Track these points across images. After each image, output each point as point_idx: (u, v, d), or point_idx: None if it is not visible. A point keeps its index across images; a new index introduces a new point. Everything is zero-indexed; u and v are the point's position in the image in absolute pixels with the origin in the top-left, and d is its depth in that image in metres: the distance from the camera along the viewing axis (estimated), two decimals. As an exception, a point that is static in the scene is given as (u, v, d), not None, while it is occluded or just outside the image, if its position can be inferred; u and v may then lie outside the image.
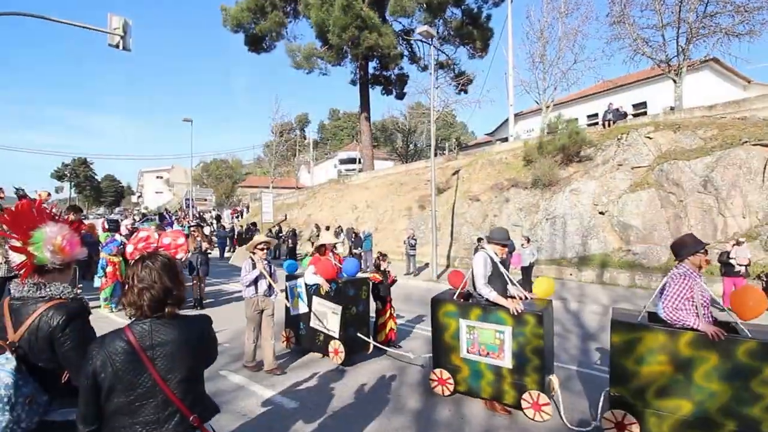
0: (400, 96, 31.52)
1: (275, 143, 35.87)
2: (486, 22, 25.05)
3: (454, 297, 4.64)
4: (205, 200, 36.33)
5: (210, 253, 9.60)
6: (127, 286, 1.65)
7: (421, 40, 27.42)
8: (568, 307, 10.15)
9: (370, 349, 5.67)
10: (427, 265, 15.18)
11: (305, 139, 53.64)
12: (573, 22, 19.78)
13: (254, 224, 20.85)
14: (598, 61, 20.69)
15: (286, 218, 28.10)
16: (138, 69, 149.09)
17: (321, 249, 5.73)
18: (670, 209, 12.77)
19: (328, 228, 17.12)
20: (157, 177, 66.18)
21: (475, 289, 4.41)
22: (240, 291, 10.11)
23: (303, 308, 5.66)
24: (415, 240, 13.78)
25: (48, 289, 1.84)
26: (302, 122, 66.04)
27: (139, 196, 72.30)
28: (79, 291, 7.30)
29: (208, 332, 1.77)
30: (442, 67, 28.45)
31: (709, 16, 15.29)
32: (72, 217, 8.10)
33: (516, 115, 32.37)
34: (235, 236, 21.06)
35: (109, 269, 7.08)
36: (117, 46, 11.38)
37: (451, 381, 4.49)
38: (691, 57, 16.48)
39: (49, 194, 16.56)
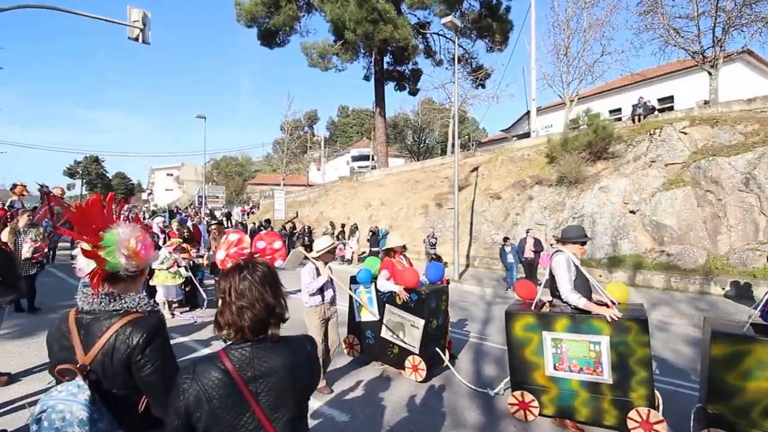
0: (414, 92, 30.86)
1: (287, 140, 35.45)
2: (505, 14, 24.31)
3: (533, 307, 4.10)
4: (217, 198, 36.07)
5: None
6: (221, 303, 1.36)
7: (438, 33, 26.85)
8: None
9: (444, 363, 5.00)
10: (446, 264, 14.59)
11: (314, 136, 53.29)
12: (599, 12, 19.04)
13: (268, 221, 20.39)
14: (627, 53, 19.92)
15: (297, 215, 27.68)
16: (148, 66, 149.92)
17: (390, 252, 5.12)
18: (707, 208, 12.03)
19: (344, 226, 16.61)
20: (168, 174, 66.31)
21: (554, 296, 3.91)
22: None
23: (371, 316, 5.12)
24: (436, 239, 13.22)
25: (123, 301, 1.55)
26: (311, 119, 65.70)
27: (149, 194, 72.55)
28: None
29: (314, 356, 1.48)
30: (458, 62, 27.76)
31: (748, 5, 14.45)
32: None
33: (530, 111, 31.75)
34: (248, 234, 20.62)
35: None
36: (136, 39, 11.01)
37: (536, 403, 3.93)
38: (726, 48, 15.65)
39: (63, 191, 16.21)
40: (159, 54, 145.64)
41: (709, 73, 15.80)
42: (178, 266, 6.80)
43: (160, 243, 7.68)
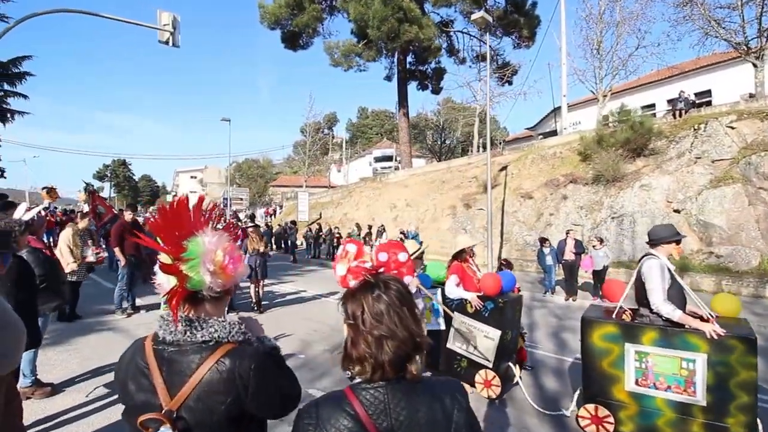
0: (437, 91, 30.47)
1: (309, 142, 35.49)
2: (532, 9, 23.72)
3: (614, 315, 3.74)
4: (241, 199, 36.40)
5: (270, 255, 8.98)
6: (350, 330, 1.08)
7: (462, 31, 26.42)
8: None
9: (515, 380, 4.44)
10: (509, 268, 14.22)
11: (333, 138, 53.37)
12: (632, 5, 18.34)
13: (293, 222, 20.30)
14: (663, 46, 19.13)
15: (321, 217, 27.63)
16: (170, 71, 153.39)
17: (461, 255, 4.60)
18: (759, 206, 11.33)
19: (370, 227, 16.37)
20: (191, 177, 67.52)
21: (642, 305, 3.57)
22: (292, 293, 9.70)
23: (437, 325, 4.64)
24: (468, 240, 12.79)
25: (211, 330, 1.22)
26: (331, 122, 65.90)
27: (174, 195, 74.01)
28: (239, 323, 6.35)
29: (465, 406, 1.09)
30: (482, 59, 27.27)
31: (799, -9, 13.63)
32: (128, 217, 7.65)
33: (558, 107, 30.91)
34: (273, 235, 20.64)
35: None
36: (167, 43, 11.02)
37: (611, 419, 3.57)
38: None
39: (85, 195, 16.46)
40: (181, 57, 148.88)
41: (755, 65, 14.98)
42: None
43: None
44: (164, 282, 1.24)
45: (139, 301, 7.67)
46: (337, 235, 16.83)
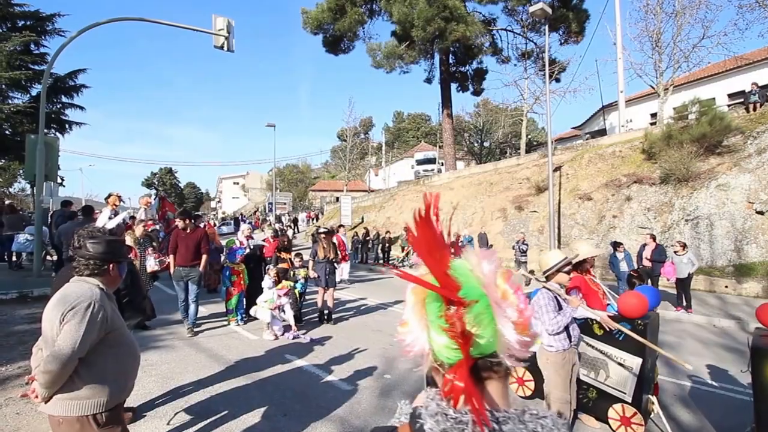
0: (478, 92, 29.81)
1: (349, 146, 35.64)
2: (580, 2, 22.73)
3: None
4: (284, 204, 37.00)
5: (339, 263, 8.73)
6: None
7: (506, 29, 25.72)
8: (747, 328, 8.15)
9: (653, 413, 3.82)
10: (532, 272, 13.55)
11: (369, 142, 53.56)
12: (696, -8, 17.13)
13: (342, 227, 20.24)
14: (730, 36, 17.76)
15: (363, 221, 27.58)
16: (215, 79, 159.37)
17: (582, 266, 3.92)
18: None
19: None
20: (234, 183, 69.60)
21: None
22: (352, 300, 9.45)
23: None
24: (527, 245, 12.24)
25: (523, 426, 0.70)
26: (367, 126, 66.19)
27: (218, 201, 76.54)
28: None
29: None
30: (527, 57, 26.45)
31: None
32: (181, 224, 7.47)
33: (606, 106, 29.52)
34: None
35: (234, 278, 6.47)
36: (222, 48, 11.17)
37: None
38: None
39: (149, 201, 16.87)
40: (222, 65, 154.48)
41: None
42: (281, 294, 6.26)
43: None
44: (413, 340, 0.75)
45: (203, 310, 7.43)
46: (389, 241, 16.51)
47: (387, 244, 16.47)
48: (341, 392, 4.35)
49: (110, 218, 6.64)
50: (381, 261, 16.71)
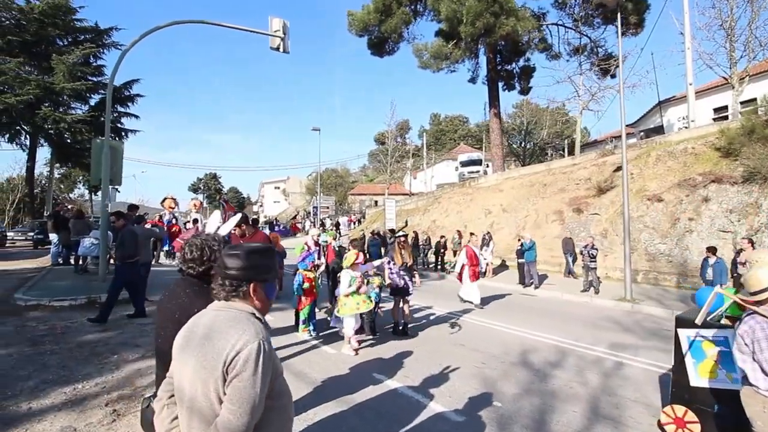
0: (525, 90, 28.75)
1: (390, 148, 35.40)
2: (639, -8, 21.45)
3: None
4: (327, 208, 37.25)
5: (416, 270, 8.14)
6: None
7: (557, 24, 24.71)
8: None
9: None
10: (739, 288, 12.61)
11: (406, 145, 53.27)
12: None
13: (392, 231, 19.91)
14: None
15: (407, 224, 27.19)
16: (250, 85, 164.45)
17: None
18: None
19: (472, 234, 15.39)
20: (275, 187, 71.14)
21: None
22: (417, 309, 8.95)
23: (727, 381, 3.23)
24: (597, 249, 11.40)
25: None
26: (404, 129, 65.89)
27: (260, 206, 78.46)
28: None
29: None
30: (579, 52, 25.28)
31: None
32: (238, 230, 7.37)
33: (663, 101, 27.70)
34: (366, 246, 20.40)
35: (306, 286, 6.14)
36: (277, 49, 11.14)
37: None
38: None
39: (201, 203, 17.02)
40: (262, 71, 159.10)
41: None
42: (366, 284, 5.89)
43: (317, 259, 6.85)
44: None
45: (269, 318, 7.30)
46: (443, 246, 15.94)
47: (442, 249, 15.95)
48: (455, 425, 3.74)
49: (220, 223, 6.47)
50: (438, 266, 16.17)
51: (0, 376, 4.50)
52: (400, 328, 6.75)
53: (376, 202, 47.27)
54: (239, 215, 4.10)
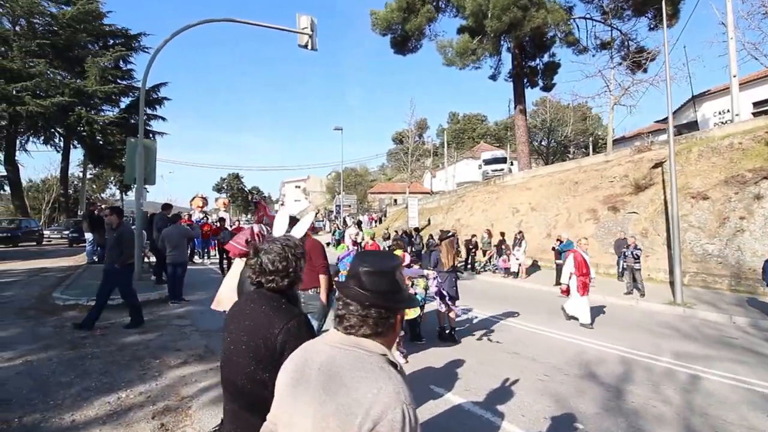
0: (548, 87, 27.92)
1: (411, 147, 35.03)
2: (675, -19, 20.55)
3: None
4: (349, 206, 37.17)
5: (461, 272, 7.74)
6: None
7: (585, 17, 23.94)
8: None
9: None
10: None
11: (424, 144, 52.87)
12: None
13: (417, 230, 19.61)
14: None
15: (429, 223, 26.79)
16: (272, 86, 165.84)
17: None
18: None
19: (503, 234, 14.94)
20: (296, 186, 71.64)
21: None
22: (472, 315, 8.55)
23: None
24: (641, 250, 10.84)
25: None
26: (422, 128, 65.36)
27: (281, 204, 79.16)
28: None
29: None
30: (608, 46, 24.42)
31: None
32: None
33: (696, 96, 26.54)
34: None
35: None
36: (306, 46, 10.93)
37: None
38: None
39: (227, 203, 16.92)
40: (280, 73, 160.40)
41: None
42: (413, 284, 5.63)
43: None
44: None
45: None
46: (474, 245, 15.49)
47: (473, 249, 15.48)
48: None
49: (291, 223, 6.31)
50: (468, 266, 15.70)
51: (42, 382, 4.33)
52: (447, 332, 6.40)
53: (395, 200, 46.94)
54: (312, 214, 3.78)
